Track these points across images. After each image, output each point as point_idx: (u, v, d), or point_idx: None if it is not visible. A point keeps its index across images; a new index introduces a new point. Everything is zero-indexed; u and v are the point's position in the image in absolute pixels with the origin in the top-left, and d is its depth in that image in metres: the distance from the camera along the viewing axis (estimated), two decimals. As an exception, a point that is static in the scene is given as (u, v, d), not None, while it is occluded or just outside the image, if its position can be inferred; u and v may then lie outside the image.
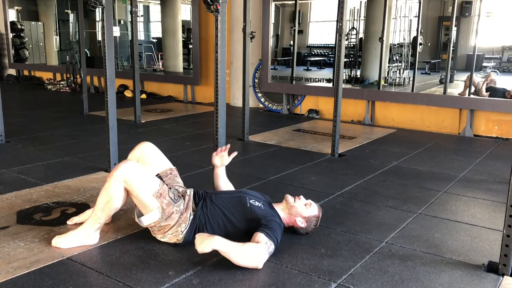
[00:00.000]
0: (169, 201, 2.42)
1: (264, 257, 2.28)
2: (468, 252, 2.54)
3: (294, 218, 2.58)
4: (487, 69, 8.14)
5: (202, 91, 8.27)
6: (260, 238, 2.30)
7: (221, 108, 3.16)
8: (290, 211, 2.58)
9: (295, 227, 2.62)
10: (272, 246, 2.32)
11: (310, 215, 2.60)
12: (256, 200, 2.56)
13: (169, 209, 2.41)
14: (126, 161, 2.45)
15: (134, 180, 2.37)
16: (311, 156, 4.61)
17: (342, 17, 4.40)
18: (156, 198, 2.38)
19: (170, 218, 2.41)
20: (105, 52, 3.74)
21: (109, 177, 2.39)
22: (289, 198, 2.61)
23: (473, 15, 8.39)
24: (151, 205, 2.39)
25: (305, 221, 2.59)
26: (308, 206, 2.61)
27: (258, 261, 2.25)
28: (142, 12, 12.42)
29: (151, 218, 2.41)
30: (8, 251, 2.39)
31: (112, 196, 2.39)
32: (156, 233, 2.49)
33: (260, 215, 2.46)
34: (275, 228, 2.39)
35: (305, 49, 10.89)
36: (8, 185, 3.48)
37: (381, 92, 6.61)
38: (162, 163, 2.78)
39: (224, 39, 3.08)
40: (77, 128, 5.78)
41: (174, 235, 2.46)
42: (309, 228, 2.62)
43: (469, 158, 4.67)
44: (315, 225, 2.64)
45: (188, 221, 2.46)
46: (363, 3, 8.50)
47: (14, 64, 11.13)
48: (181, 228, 2.45)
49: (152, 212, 2.40)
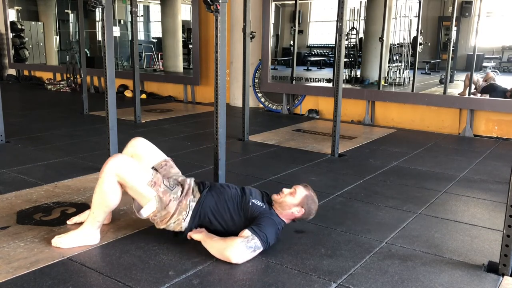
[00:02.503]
0: (165, 189, 2.41)
1: (240, 251, 2.27)
2: (468, 252, 2.54)
3: (290, 211, 2.52)
4: (487, 69, 8.13)
5: (202, 91, 8.27)
6: (243, 233, 2.33)
7: (221, 108, 3.16)
8: (282, 207, 2.53)
9: (297, 218, 2.57)
10: (255, 240, 2.30)
11: (301, 198, 2.52)
12: (259, 200, 2.56)
13: (166, 197, 2.40)
14: (115, 155, 2.44)
15: (126, 172, 2.36)
16: (311, 156, 4.61)
17: (342, 17, 4.40)
18: (151, 187, 2.38)
19: (169, 206, 2.41)
20: (105, 52, 3.74)
21: (101, 173, 2.38)
22: (275, 196, 2.57)
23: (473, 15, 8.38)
24: (148, 195, 2.38)
25: (300, 207, 2.52)
26: (294, 193, 2.53)
27: (231, 254, 2.26)
28: (142, 12, 12.42)
29: (150, 209, 2.40)
30: (8, 251, 2.39)
31: (106, 193, 2.37)
32: (159, 223, 2.47)
33: (258, 213, 2.46)
34: (264, 224, 2.37)
35: (305, 49, 10.90)
36: (8, 185, 3.48)
37: (381, 92, 6.61)
38: (156, 156, 2.76)
39: (224, 39, 3.08)
40: (77, 128, 5.78)
41: (176, 223, 2.45)
42: (310, 210, 2.56)
43: (469, 158, 4.67)
44: (314, 203, 2.57)
45: (188, 208, 2.45)
46: (363, 3, 8.50)
47: (14, 64, 11.12)
48: (182, 216, 2.44)
49: (150, 202, 2.39)
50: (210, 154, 3.49)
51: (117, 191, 2.39)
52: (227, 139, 3.35)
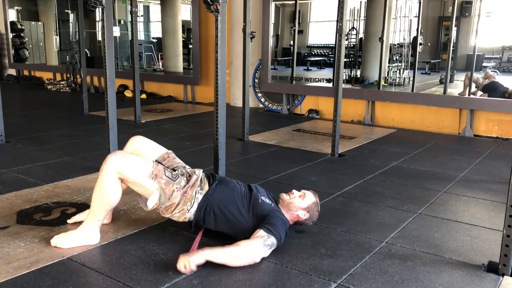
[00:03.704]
0: (167, 180, 2.41)
1: (260, 250, 2.28)
2: (468, 252, 2.54)
3: (296, 213, 2.57)
4: (487, 69, 8.14)
5: (202, 91, 8.27)
6: (258, 233, 2.33)
7: (221, 108, 3.16)
8: (289, 208, 2.58)
9: (300, 222, 2.62)
10: (271, 239, 2.32)
11: (309, 203, 2.59)
12: (267, 198, 2.58)
13: (169, 188, 2.40)
14: (114, 152, 2.45)
15: (126, 168, 2.36)
16: (311, 156, 4.61)
17: (342, 17, 4.40)
18: (152, 179, 2.38)
19: (172, 197, 2.41)
20: (105, 52, 3.74)
21: (100, 171, 2.37)
22: (284, 196, 2.61)
23: (473, 15, 8.40)
24: (150, 187, 2.39)
25: (306, 211, 2.58)
26: (303, 196, 2.60)
27: (253, 256, 2.26)
28: (142, 12, 12.43)
29: (153, 200, 2.41)
30: (8, 251, 2.39)
31: (107, 191, 2.37)
32: (164, 212, 2.48)
33: (268, 211, 2.47)
34: (277, 223, 2.40)
35: (305, 49, 10.91)
36: (8, 185, 3.48)
37: (381, 92, 6.61)
38: (157, 150, 2.77)
39: (224, 39, 3.08)
40: (77, 128, 5.78)
41: (181, 213, 2.46)
42: (313, 216, 2.62)
43: (469, 158, 4.67)
44: (318, 211, 2.65)
45: (193, 199, 2.45)
46: (363, 3, 8.50)
47: (14, 64, 11.12)
48: (187, 207, 2.44)
49: (153, 194, 2.40)
50: (210, 154, 3.49)
51: (117, 188, 2.39)
52: (227, 139, 3.36)
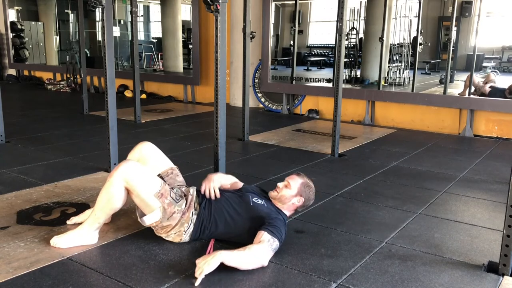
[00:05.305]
0: (170, 201, 2.42)
1: (269, 254, 2.30)
2: (468, 252, 2.54)
3: (291, 203, 2.58)
4: (487, 69, 8.14)
5: (202, 91, 8.27)
6: (263, 236, 2.32)
7: (221, 108, 3.16)
8: (282, 201, 2.58)
9: (299, 208, 2.63)
10: (276, 242, 2.33)
11: (298, 188, 2.57)
12: (259, 198, 2.57)
13: (171, 209, 2.41)
14: (126, 161, 2.45)
15: (135, 180, 2.37)
16: (311, 156, 4.61)
17: (342, 17, 4.40)
18: (157, 198, 2.39)
19: (172, 218, 2.42)
20: (105, 52, 3.74)
21: (110, 177, 2.39)
22: (272, 193, 2.61)
23: (473, 15, 8.40)
24: (153, 205, 2.39)
25: (299, 196, 2.57)
26: (288, 185, 2.58)
27: (263, 260, 2.27)
28: (142, 12, 12.41)
29: (153, 218, 2.42)
30: (8, 251, 2.39)
31: (112, 196, 2.39)
32: (160, 232, 2.50)
33: (264, 213, 2.47)
34: (279, 225, 2.40)
35: (305, 49, 10.91)
36: (8, 185, 3.48)
37: (381, 92, 6.61)
38: (163, 163, 2.78)
39: (224, 39, 3.08)
40: (77, 128, 5.78)
41: (177, 234, 2.47)
42: (309, 196, 2.62)
43: (469, 158, 4.67)
44: (310, 188, 2.61)
45: (190, 221, 2.46)
46: (363, 3, 8.50)
47: (14, 64, 11.13)
48: (184, 228, 2.45)
49: (154, 212, 2.40)
50: (210, 154, 3.49)
51: (123, 195, 2.40)
52: (227, 139, 3.36)
